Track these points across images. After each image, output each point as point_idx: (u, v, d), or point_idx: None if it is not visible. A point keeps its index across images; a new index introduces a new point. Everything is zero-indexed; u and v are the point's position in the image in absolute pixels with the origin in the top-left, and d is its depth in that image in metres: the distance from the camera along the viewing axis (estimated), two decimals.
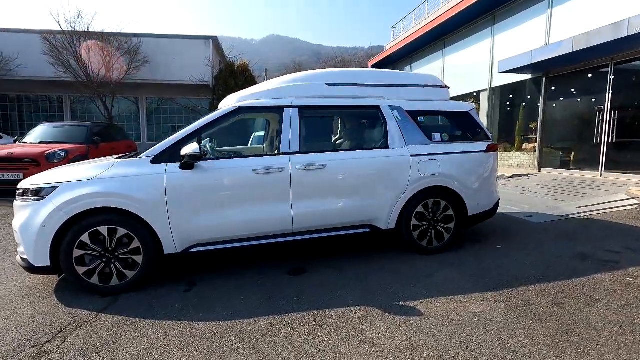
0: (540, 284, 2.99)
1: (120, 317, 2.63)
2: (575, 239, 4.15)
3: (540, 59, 8.29)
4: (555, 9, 9.06)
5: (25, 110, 14.92)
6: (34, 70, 12.81)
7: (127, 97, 14.85)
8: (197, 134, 3.19)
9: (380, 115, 3.70)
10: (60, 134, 8.25)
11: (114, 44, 12.51)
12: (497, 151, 4.08)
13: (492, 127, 11.69)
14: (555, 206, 5.68)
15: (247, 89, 3.66)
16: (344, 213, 3.46)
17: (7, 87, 13.52)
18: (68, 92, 14.13)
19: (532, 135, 9.96)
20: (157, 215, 2.97)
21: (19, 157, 6.87)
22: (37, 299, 2.93)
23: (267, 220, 3.26)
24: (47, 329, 2.49)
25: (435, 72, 14.76)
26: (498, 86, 11.32)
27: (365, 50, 47.26)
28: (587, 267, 3.32)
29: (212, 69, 13.93)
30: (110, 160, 3.23)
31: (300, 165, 3.29)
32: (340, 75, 3.75)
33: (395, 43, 17.30)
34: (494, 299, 2.75)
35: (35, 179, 3.04)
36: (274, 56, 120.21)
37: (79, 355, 2.20)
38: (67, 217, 2.81)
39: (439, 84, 4.08)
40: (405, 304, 2.73)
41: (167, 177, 3.00)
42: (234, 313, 2.68)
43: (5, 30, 13.14)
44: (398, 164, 3.57)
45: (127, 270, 3.00)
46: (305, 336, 2.34)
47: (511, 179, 8.57)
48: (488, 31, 11.55)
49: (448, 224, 3.80)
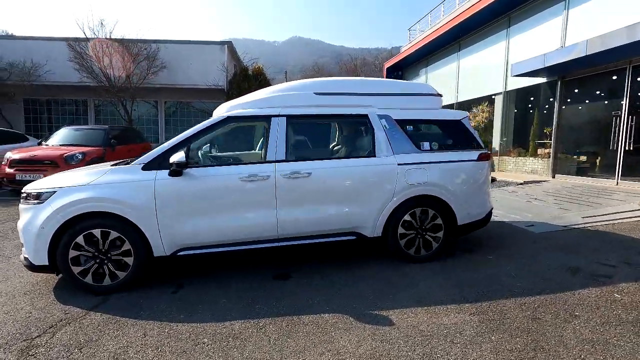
0: (522, 297, 2.95)
1: (108, 316, 2.80)
2: (572, 250, 4.04)
3: (553, 62, 8.04)
4: (571, 10, 8.76)
5: (54, 114, 15.78)
6: (60, 76, 13.56)
7: (147, 101, 15.43)
8: (187, 143, 3.33)
9: (368, 124, 3.73)
10: (80, 137, 8.69)
11: (134, 50, 13.06)
12: (489, 160, 4.02)
13: (506, 132, 11.41)
14: (560, 215, 5.51)
15: (238, 98, 3.79)
16: (329, 220, 3.52)
17: (37, 92, 14.34)
18: (92, 97, 14.84)
19: (547, 141, 9.65)
20: (147, 220, 3.13)
21: (40, 159, 7.30)
22: (36, 296, 3.14)
23: (252, 226, 3.36)
24: (40, 324, 2.68)
25: (450, 75, 14.54)
26: (513, 90, 11.04)
27: (388, 51, 47.05)
28: (576, 281, 3.23)
29: (226, 73, 14.28)
30: (105, 166, 3.43)
31: (285, 173, 3.38)
32: (329, 84, 3.81)
33: (410, 45, 17.15)
34: (469, 312, 2.74)
35: (36, 183, 3.27)
36: (295, 58, 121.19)
37: (62, 350, 2.36)
38: (64, 220, 3.01)
39: (430, 92, 4.07)
40: (380, 313, 2.76)
41: (156, 183, 3.16)
42: (213, 315, 2.79)
43: (35, 38, 13.98)
44: (384, 172, 3.60)
45: (119, 271, 3.17)
46: (274, 341, 2.42)
47: (521, 185, 8.35)
48: (503, 33, 11.29)
49: (436, 233, 3.78)
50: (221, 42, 14.53)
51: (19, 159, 7.32)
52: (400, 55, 18.25)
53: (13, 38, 15.28)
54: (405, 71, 19.48)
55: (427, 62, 16.71)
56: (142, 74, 13.28)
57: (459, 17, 12.08)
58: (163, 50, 13.72)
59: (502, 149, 11.38)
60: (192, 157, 3.61)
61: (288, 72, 44.01)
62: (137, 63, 13.11)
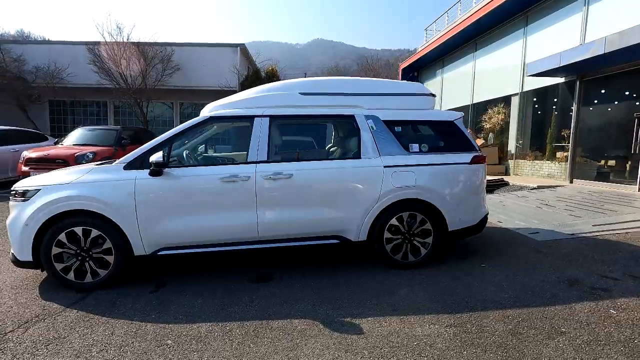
0: (507, 310, 2.77)
1: (83, 313, 2.83)
2: (574, 260, 3.79)
3: (570, 61, 7.64)
4: (592, 6, 8.31)
5: (76, 115, 16.46)
6: (81, 78, 14.15)
7: (164, 102, 15.83)
8: (168, 143, 3.34)
9: (354, 125, 3.63)
10: (93, 137, 8.99)
11: (150, 52, 13.44)
12: (483, 163, 3.83)
13: (522, 134, 10.96)
14: (569, 223, 5.20)
15: (223, 98, 3.77)
16: (312, 223, 3.44)
17: (61, 94, 15.01)
18: (111, 98, 15.37)
19: (565, 144, 9.18)
20: (127, 219, 3.15)
21: (53, 158, 7.58)
22: (21, 291, 3.22)
23: (232, 227, 3.33)
24: (17, 318, 2.74)
25: (465, 75, 14.14)
26: (530, 90, 10.58)
27: (410, 52, 46.03)
28: (570, 294, 3.02)
29: (237, 75, 14.45)
30: (89, 166, 3.48)
31: (266, 174, 3.33)
32: (315, 84, 3.74)
33: (426, 45, 16.80)
34: (446, 323, 2.60)
35: (24, 181, 3.35)
36: (317, 59, 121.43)
37: (30, 345, 2.39)
38: (46, 217, 3.07)
39: (422, 91, 3.92)
40: (352, 321, 2.66)
41: (136, 182, 3.18)
42: (184, 317, 2.77)
43: (58, 43, 14.63)
44: (369, 174, 3.49)
45: (100, 269, 3.21)
46: (236, 346, 2.37)
47: (534, 190, 7.97)
48: (520, 32, 10.85)
49: (425, 239, 3.63)
50: (234, 44, 14.72)
51: (34, 158, 7.63)
52: (416, 55, 17.92)
53: (38, 43, 16.08)
54: (421, 72, 19.12)
55: (442, 63, 16.33)
56: (157, 76, 13.63)
57: (474, 16, 11.73)
58: (177, 53, 14.06)
59: (518, 152, 10.93)
60: (175, 157, 3.64)
61: (309, 74, 44.21)
62: (152, 66, 13.47)
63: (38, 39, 34.42)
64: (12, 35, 31.58)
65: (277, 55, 68.39)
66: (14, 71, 14.06)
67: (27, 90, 14.27)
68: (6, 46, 14.26)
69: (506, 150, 11.47)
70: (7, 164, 8.57)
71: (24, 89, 14.16)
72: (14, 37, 31.14)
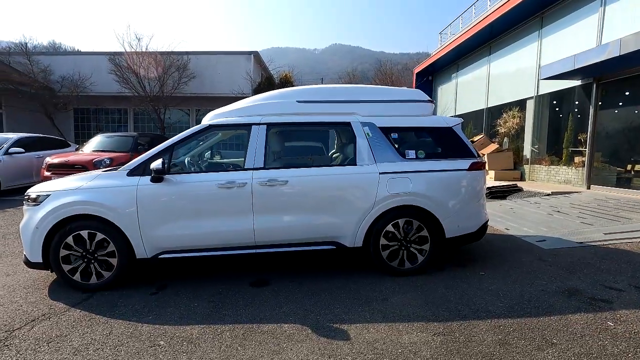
0: (499, 319, 2.73)
1: (85, 313, 2.97)
2: (578, 270, 3.68)
3: (585, 64, 7.41)
4: (608, 7, 8.05)
5: (99, 121, 17.18)
6: (103, 87, 14.80)
7: (180, 109, 16.30)
8: (170, 150, 3.47)
9: (350, 132, 3.67)
10: (111, 144, 9.36)
11: (167, 61, 13.92)
12: (483, 169, 3.78)
13: (538, 138, 10.66)
14: (579, 231, 5.04)
15: (224, 107, 3.89)
16: (307, 229, 3.49)
17: (84, 102, 15.72)
18: (130, 106, 15.96)
19: (582, 149, 8.88)
20: (129, 223, 3.29)
21: (72, 163, 7.95)
22: (32, 290, 3.41)
23: (229, 233, 3.41)
24: (25, 317, 2.90)
25: (480, 79, 13.91)
26: (545, 94, 10.31)
27: (429, 56, 45.31)
28: (567, 305, 2.94)
29: (251, 82, 14.74)
30: (96, 172, 3.66)
31: (262, 181, 3.41)
32: (312, 92, 3.81)
33: (440, 49, 16.64)
34: (434, 331, 2.59)
35: (37, 187, 3.56)
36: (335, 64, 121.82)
37: (33, 343, 2.53)
38: (55, 221, 3.25)
39: (420, 98, 3.93)
40: (340, 327, 2.68)
41: (138, 188, 3.32)
42: (179, 318, 2.86)
43: (83, 54, 15.36)
44: (364, 181, 3.51)
45: (105, 271, 3.36)
46: (225, 349, 2.44)
47: (548, 197, 7.74)
48: (535, 34, 10.61)
49: (422, 246, 3.62)
50: (247, 52, 15.07)
51: (55, 164, 8.03)
52: (430, 60, 17.77)
53: (64, 54, 16.89)
54: (435, 76, 18.93)
55: (457, 67, 16.13)
56: (174, 83, 14.09)
57: (489, 18, 11.56)
58: (193, 61, 14.50)
59: (534, 157, 10.64)
60: (178, 164, 3.77)
61: (326, 79, 44.44)
62: (169, 74, 13.93)
63: (68, 49, 36.28)
64: (45, 46, 33.31)
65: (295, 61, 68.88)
66: (42, 81, 14.84)
67: (53, 99, 15.02)
68: (35, 58, 15.07)
69: (521, 155, 11.19)
70: (31, 170, 9.03)
71: (51, 97, 14.92)
72: (46, 47, 32.87)
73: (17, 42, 15.10)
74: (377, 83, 29.95)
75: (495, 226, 5.48)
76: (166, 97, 14.23)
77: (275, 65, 17.79)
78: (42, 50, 19.49)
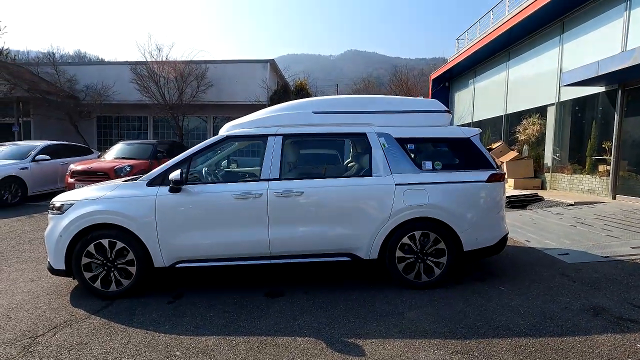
0: (520, 339, 2.64)
1: (104, 321, 3.03)
2: (604, 287, 3.52)
3: (609, 70, 7.18)
4: (634, 10, 7.80)
5: (120, 129, 17.75)
6: (125, 95, 15.32)
7: (198, 116, 16.65)
8: (188, 161, 3.54)
9: (366, 143, 3.66)
10: (131, 151, 9.62)
11: (186, 71, 14.29)
12: (502, 181, 3.70)
13: (560, 146, 10.36)
14: (604, 244, 4.84)
15: (239, 118, 3.95)
16: (322, 240, 3.48)
17: (107, 110, 16.29)
18: (150, 114, 16.41)
19: (607, 157, 8.57)
20: (148, 232, 3.36)
21: (95, 170, 8.21)
22: (55, 297, 3.51)
23: (244, 243, 3.44)
24: (48, 323, 2.99)
25: (498, 85, 13.66)
26: (567, 100, 10.02)
27: (446, 61, 44.63)
28: (593, 325, 2.81)
29: (266, 89, 14.95)
30: (117, 182, 3.76)
31: (278, 192, 3.42)
32: (328, 103, 3.82)
33: (457, 55, 16.45)
34: (452, 349, 2.52)
35: (61, 196, 3.68)
36: (350, 70, 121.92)
37: (55, 350, 2.60)
38: (78, 230, 3.35)
39: (437, 108, 3.88)
40: (355, 342, 2.65)
41: (157, 199, 3.39)
42: (195, 329, 2.89)
43: (106, 63, 15.93)
44: (380, 192, 3.48)
45: (124, 279, 3.43)
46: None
47: (571, 207, 7.48)
48: (556, 40, 10.36)
49: (439, 259, 3.55)
50: (263, 60, 15.32)
51: (79, 170, 8.30)
52: (446, 65, 17.58)
53: (89, 64, 17.57)
54: (452, 82, 18.70)
55: (474, 73, 15.89)
56: (192, 92, 14.43)
57: (508, 23, 11.36)
58: (211, 70, 14.83)
59: (555, 165, 10.33)
60: (195, 174, 3.83)
61: (342, 85, 44.56)
62: (188, 83, 14.29)
63: (93, 58, 37.71)
64: (71, 56, 34.76)
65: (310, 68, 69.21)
66: (68, 90, 15.46)
67: (78, 107, 15.62)
68: (62, 68, 15.73)
69: (542, 163, 10.88)
70: (56, 176, 9.36)
71: (75, 106, 15.52)
72: (72, 57, 34.28)
73: (46, 52, 15.81)
74: (392, 89, 29.82)
75: (515, 237, 5.33)
76: (184, 105, 14.59)
77: (290, 73, 18.00)
78: (69, 60, 20.35)
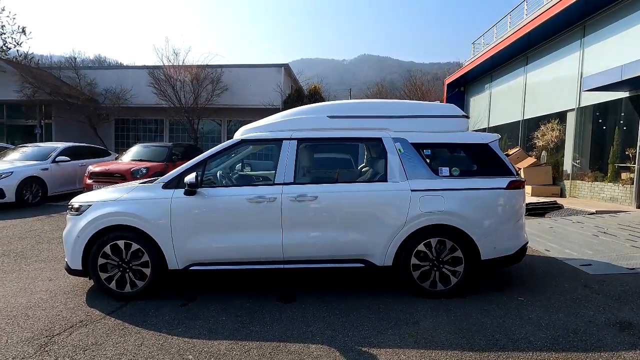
0: (541, 352, 2.54)
1: (119, 322, 3.05)
2: (630, 301, 3.37)
3: (634, 75, 6.95)
4: None
5: (137, 131, 18.13)
6: (142, 99, 15.68)
7: (213, 120, 16.88)
8: (203, 164, 3.56)
9: (382, 148, 3.61)
10: (148, 153, 9.79)
11: (202, 75, 14.53)
12: (522, 188, 3.59)
13: (580, 152, 10.07)
14: (629, 255, 4.65)
15: (254, 122, 3.95)
16: (336, 246, 3.44)
17: (125, 113, 16.69)
18: (167, 117, 16.72)
19: (630, 164, 8.28)
20: (162, 234, 3.38)
21: (112, 172, 8.37)
22: (72, 296, 3.56)
23: (257, 247, 3.42)
24: (64, 322, 3.03)
25: (516, 90, 13.41)
26: (588, 105, 9.75)
27: (460, 65, 43.94)
28: (620, 340, 2.68)
29: (281, 93, 15.06)
30: (133, 184, 3.81)
31: (292, 196, 3.40)
32: (343, 108, 3.79)
33: (473, 59, 16.24)
34: None
35: (79, 197, 3.75)
36: (364, 75, 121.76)
37: (71, 350, 2.63)
38: (94, 231, 3.40)
39: (454, 113, 3.81)
40: (369, 351, 2.59)
41: (172, 201, 3.41)
42: (208, 332, 2.88)
43: (124, 67, 16.35)
44: (395, 198, 3.42)
45: (138, 280, 3.46)
46: None
47: (592, 216, 7.24)
48: (576, 44, 10.12)
49: (456, 267, 3.46)
50: (278, 64, 15.45)
51: (97, 172, 8.48)
52: (462, 70, 17.38)
53: (108, 68, 18.05)
54: (467, 87, 18.46)
55: (490, 77, 15.65)
56: (207, 96, 14.66)
57: (526, 27, 11.16)
58: (226, 74, 15.05)
59: (575, 172, 10.03)
60: (210, 177, 3.85)
61: (355, 89, 44.55)
62: (204, 87, 14.52)
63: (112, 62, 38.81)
64: (91, 60, 35.80)
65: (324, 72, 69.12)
66: (88, 93, 15.91)
67: (97, 110, 16.03)
68: (83, 72, 16.20)
69: (561, 170, 10.59)
70: (75, 177, 9.59)
71: (95, 109, 15.94)
72: (92, 61, 35.30)
73: (67, 56, 16.31)
74: (405, 94, 29.60)
75: (534, 246, 5.17)
76: (200, 109, 14.82)
77: (304, 77, 18.10)
78: (89, 64, 20.97)
